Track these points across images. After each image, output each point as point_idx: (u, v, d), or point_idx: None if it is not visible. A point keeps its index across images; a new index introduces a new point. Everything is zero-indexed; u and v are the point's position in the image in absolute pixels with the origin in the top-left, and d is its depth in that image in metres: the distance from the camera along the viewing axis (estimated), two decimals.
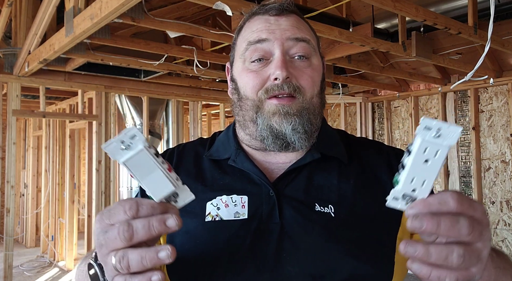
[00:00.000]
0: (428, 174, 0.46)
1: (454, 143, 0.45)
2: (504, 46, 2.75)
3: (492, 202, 3.78)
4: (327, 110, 5.15)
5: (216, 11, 3.81)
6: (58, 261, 4.96)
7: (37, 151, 6.01)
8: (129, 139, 0.47)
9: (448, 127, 0.45)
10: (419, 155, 0.46)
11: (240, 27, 0.77)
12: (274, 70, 0.68)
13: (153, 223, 0.46)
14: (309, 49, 0.71)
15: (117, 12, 1.91)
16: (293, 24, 0.71)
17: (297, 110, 0.69)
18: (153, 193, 0.49)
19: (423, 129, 0.45)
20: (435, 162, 0.45)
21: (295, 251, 0.64)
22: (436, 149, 0.45)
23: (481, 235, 0.44)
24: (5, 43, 3.34)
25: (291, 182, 0.71)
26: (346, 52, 2.90)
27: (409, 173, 0.46)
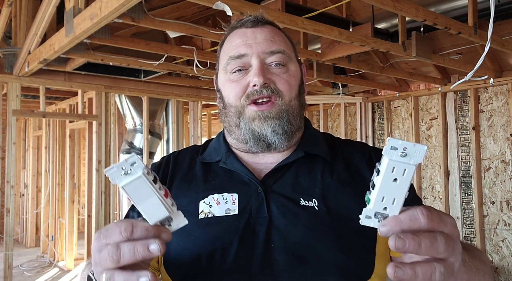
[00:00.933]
0: (398, 192, 0.47)
1: (421, 161, 0.47)
2: (504, 46, 2.75)
3: (492, 202, 3.78)
4: (327, 110, 5.15)
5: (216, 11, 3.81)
6: (58, 261, 4.96)
7: (37, 151, 6.01)
8: (129, 166, 0.50)
9: (414, 146, 0.46)
10: (388, 175, 0.47)
11: (222, 42, 0.84)
12: (253, 78, 0.75)
13: (137, 248, 0.49)
14: (284, 58, 0.78)
15: (117, 12, 1.91)
16: (267, 37, 0.78)
17: (277, 113, 0.75)
18: (148, 217, 0.52)
19: (389, 149, 0.47)
20: (403, 180, 0.47)
21: (282, 241, 0.70)
22: (404, 168, 0.46)
23: (454, 250, 0.47)
24: (5, 43, 3.34)
25: (278, 179, 0.77)
26: (346, 52, 2.90)
27: (379, 193, 0.48)
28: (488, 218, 3.80)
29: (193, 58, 3.04)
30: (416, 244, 0.44)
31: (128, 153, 4.39)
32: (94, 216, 3.99)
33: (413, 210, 0.46)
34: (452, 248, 0.46)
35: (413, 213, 0.46)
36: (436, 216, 0.46)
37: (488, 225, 3.79)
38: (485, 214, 3.82)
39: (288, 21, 2.14)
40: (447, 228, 0.47)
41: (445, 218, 0.48)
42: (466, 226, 3.95)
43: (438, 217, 0.47)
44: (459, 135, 4.03)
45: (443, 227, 0.47)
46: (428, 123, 4.27)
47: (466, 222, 3.95)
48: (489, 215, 3.80)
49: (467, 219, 3.94)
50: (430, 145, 4.23)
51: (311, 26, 2.28)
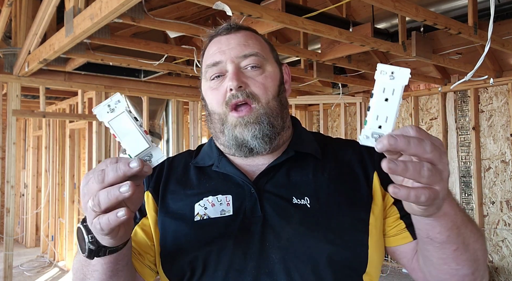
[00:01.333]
0: (389, 110, 0.53)
1: (406, 82, 0.53)
2: (504, 46, 2.75)
3: (492, 202, 3.78)
4: (327, 110, 5.15)
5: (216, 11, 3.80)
6: (58, 261, 4.96)
7: (37, 151, 6.01)
8: (114, 104, 0.57)
9: (399, 69, 0.52)
10: (379, 95, 0.53)
11: (203, 52, 0.88)
12: (228, 82, 0.77)
13: (120, 166, 0.54)
14: (259, 60, 0.80)
15: (117, 12, 1.91)
16: (241, 42, 0.81)
17: (256, 118, 0.77)
18: (130, 150, 0.57)
19: (379, 73, 0.53)
20: (393, 99, 0.53)
21: (277, 240, 0.72)
22: (392, 88, 0.53)
23: (441, 157, 0.50)
24: (5, 43, 3.34)
25: (270, 179, 0.79)
26: (346, 52, 2.90)
27: (374, 112, 0.53)
28: (488, 218, 3.80)
29: (193, 58, 3.04)
30: (406, 141, 0.48)
31: None
32: None
33: (404, 127, 0.51)
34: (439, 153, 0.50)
35: (404, 128, 0.51)
36: (425, 132, 0.51)
37: (488, 225, 3.79)
38: (485, 214, 3.82)
39: (288, 21, 2.14)
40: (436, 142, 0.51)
41: (433, 137, 0.52)
42: None
43: (426, 133, 0.51)
44: (459, 135, 4.03)
45: (430, 138, 0.50)
46: (428, 123, 4.27)
47: None
48: (489, 215, 3.80)
49: None
50: None
51: (311, 26, 2.28)
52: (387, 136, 0.49)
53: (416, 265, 0.74)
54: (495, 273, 3.73)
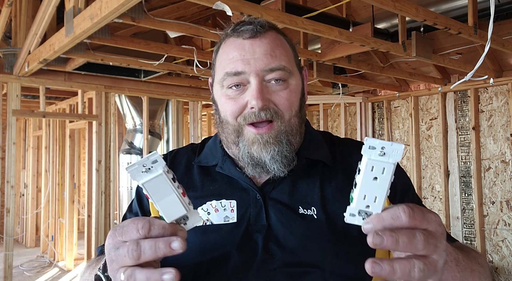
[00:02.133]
0: (378, 190, 0.48)
1: (399, 160, 0.48)
2: (504, 46, 2.75)
3: (492, 202, 3.78)
4: (327, 110, 5.15)
5: (216, 11, 3.80)
6: (58, 261, 4.96)
7: (37, 151, 6.01)
8: (150, 164, 0.52)
9: (391, 145, 0.48)
10: (368, 173, 0.48)
11: (218, 48, 0.79)
12: (251, 99, 0.71)
13: (159, 245, 0.49)
14: (285, 74, 0.73)
15: (117, 12, 1.91)
16: (267, 51, 0.73)
17: (276, 137, 0.72)
18: (165, 214, 0.52)
19: (368, 148, 0.48)
20: (383, 178, 0.48)
21: (281, 250, 0.69)
22: (383, 167, 0.48)
23: (436, 247, 0.47)
24: (5, 43, 3.34)
25: (277, 186, 0.75)
26: (346, 52, 2.90)
27: (361, 191, 0.49)
28: (488, 218, 3.80)
29: (193, 58, 3.03)
30: (393, 240, 0.44)
31: (129, 153, 4.39)
32: (94, 216, 3.99)
33: (396, 208, 0.47)
34: (433, 245, 0.46)
35: (395, 211, 0.46)
36: (419, 214, 0.46)
37: (488, 225, 3.79)
38: (485, 214, 3.82)
39: (288, 21, 2.14)
40: (431, 226, 0.47)
41: (429, 215, 0.48)
42: (466, 226, 3.95)
43: (421, 215, 0.47)
44: (459, 135, 4.03)
45: (426, 224, 0.47)
46: (428, 123, 4.27)
47: (466, 222, 3.95)
48: (489, 215, 3.80)
49: (467, 219, 3.94)
50: (430, 145, 4.23)
51: (311, 26, 2.28)
52: (372, 235, 0.45)
53: None
54: (495, 273, 3.73)
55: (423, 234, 0.46)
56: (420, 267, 0.45)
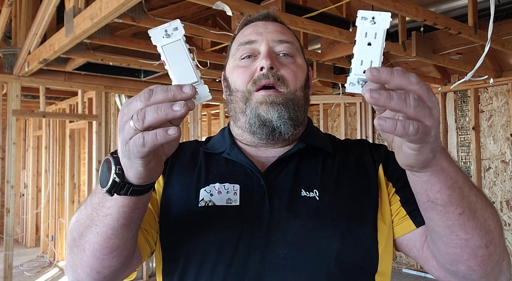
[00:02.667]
0: (373, 54, 0.52)
1: (388, 26, 0.52)
2: (504, 46, 2.75)
3: (492, 202, 3.78)
4: (327, 110, 5.15)
5: (216, 11, 3.80)
6: (58, 261, 4.96)
7: (37, 151, 6.01)
8: (172, 30, 0.54)
9: (380, 14, 0.52)
10: (362, 40, 0.52)
11: (234, 36, 0.86)
12: (260, 60, 0.76)
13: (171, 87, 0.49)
14: (292, 49, 0.80)
15: (117, 12, 1.91)
16: (278, 29, 0.81)
17: (283, 100, 0.74)
18: (178, 80, 0.54)
19: (360, 19, 0.53)
20: (376, 43, 0.52)
21: (284, 234, 0.69)
22: (374, 32, 0.52)
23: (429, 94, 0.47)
24: (5, 43, 3.34)
25: (280, 172, 0.77)
26: (346, 52, 2.91)
27: (357, 57, 0.52)
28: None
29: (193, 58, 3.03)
30: (388, 95, 0.45)
31: None
32: None
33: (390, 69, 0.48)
34: (426, 88, 0.47)
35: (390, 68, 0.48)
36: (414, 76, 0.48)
37: None
38: None
39: (288, 21, 2.14)
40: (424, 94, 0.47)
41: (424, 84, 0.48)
42: None
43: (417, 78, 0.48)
44: (459, 135, 4.03)
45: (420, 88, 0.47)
46: None
47: None
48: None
49: None
50: None
51: (311, 26, 2.28)
52: (369, 68, 0.47)
53: (428, 253, 0.69)
54: None
55: (417, 95, 0.46)
56: (415, 96, 0.46)
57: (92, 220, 0.61)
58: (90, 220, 0.61)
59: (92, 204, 0.62)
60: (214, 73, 3.67)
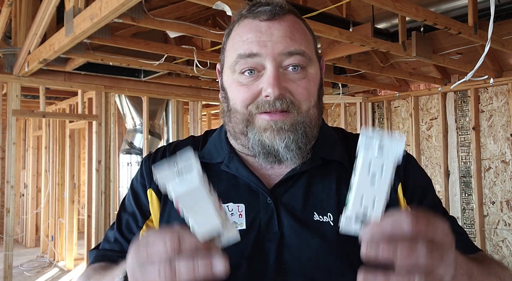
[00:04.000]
0: (377, 192, 0.42)
1: (400, 157, 0.41)
2: (504, 46, 2.74)
3: (492, 202, 3.78)
4: (327, 110, 5.15)
5: (216, 11, 3.80)
6: (58, 261, 4.96)
7: (37, 151, 6.01)
8: (183, 165, 0.43)
9: (391, 140, 0.42)
10: (364, 173, 0.42)
11: (230, 30, 0.71)
12: (266, 87, 0.64)
13: (198, 266, 0.41)
14: (304, 60, 0.66)
15: (117, 12, 1.91)
16: (286, 33, 0.66)
17: (291, 125, 0.65)
18: (198, 230, 0.44)
19: (364, 144, 0.42)
20: (382, 178, 0.42)
21: (296, 263, 0.63)
22: (381, 165, 0.42)
23: (441, 260, 0.41)
24: (5, 43, 3.34)
25: (289, 189, 0.68)
26: (346, 52, 2.90)
27: (357, 191, 0.42)
28: (488, 218, 3.80)
29: (193, 58, 3.03)
30: (389, 251, 0.39)
31: (129, 153, 4.38)
32: (94, 216, 3.99)
33: (398, 214, 0.41)
34: (439, 258, 0.41)
35: (397, 218, 0.41)
36: (424, 221, 0.41)
37: (488, 225, 3.79)
38: (485, 214, 3.82)
39: None
40: (438, 236, 0.42)
41: (435, 223, 0.42)
42: (466, 226, 3.95)
43: (426, 223, 0.41)
44: (459, 135, 4.03)
45: (432, 234, 0.41)
46: (428, 123, 4.27)
47: (466, 222, 3.95)
48: (489, 215, 3.80)
49: (467, 219, 3.94)
50: (430, 145, 4.23)
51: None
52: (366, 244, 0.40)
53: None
54: None
55: (427, 246, 0.40)
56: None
57: None
58: None
59: None
60: (214, 73, 3.66)
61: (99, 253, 0.75)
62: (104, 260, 0.72)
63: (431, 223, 0.41)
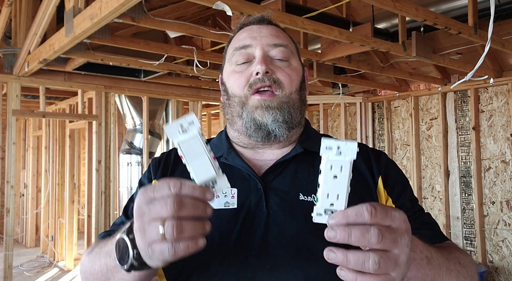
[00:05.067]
0: (340, 188, 0.51)
1: (354, 157, 0.51)
2: (504, 46, 2.75)
3: (492, 202, 3.78)
4: (327, 110, 5.15)
5: (216, 11, 3.80)
6: (58, 261, 4.96)
7: (37, 151, 6.01)
8: (187, 124, 0.55)
9: (345, 144, 0.51)
10: (328, 173, 0.51)
11: (230, 39, 0.88)
12: (255, 66, 0.78)
13: (199, 204, 0.52)
14: (287, 53, 0.81)
15: (117, 12, 1.91)
16: (272, 33, 0.82)
17: (278, 104, 0.77)
18: (196, 175, 0.55)
19: (325, 149, 0.51)
20: (342, 176, 0.51)
21: (281, 236, 0.71)
22: (340, 165, 0.51)
23: (395, 242, 0.48)
24: (5, 43, 3.34)
25: (278, 175, 0.78)
26: (346, 52, 2.90)
27: (324, 190, 0.51)
28: (488, 218, 3.80)
29: (193, 58, 3.03)
30: (346, 234, 0.47)
31: (128, 153, 4.39)
32: (94, 216, 3.99)
33: (359, 206, 0.49)
34: (391, 240, 0.48)
35: (359, 208, 0.48)
36: (381, 211, 0.48)
37: (488, 225, 3.79)
38: (485, 214, 3.82)
39: (288, 21, 2.14)
40: (394, 223, 0.49)
41: (392, 213, 0.49)
42: (466, 226, 3.95)
43: (383, 213, 0.48)
44: (459, 135, 4.03)
45: (389, 221, 0.49)
46: (428, 123, 4.27)
47: (466, 222, 3.95)
48: (489, 215, 3.80)
49: (467, 219, 3.94)
50: (430, 145, 4.23)
51: (311, 26, 2.28)
52: (327, 229, 0.48)
53: None
54: (495, 273, 3.73)
55: (379, 229, 0.47)
56: (375, 259, 0.47)
57: (107, 278, 0.66)
58: (106, 278, 0.66)
59: (107, 266, 0.65)
60: (214, 73, 3.67)
61: (105, 234, 0.84)
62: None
63: (388, 212, 0.49)
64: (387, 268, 0.48)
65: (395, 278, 0.49)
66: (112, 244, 0.64)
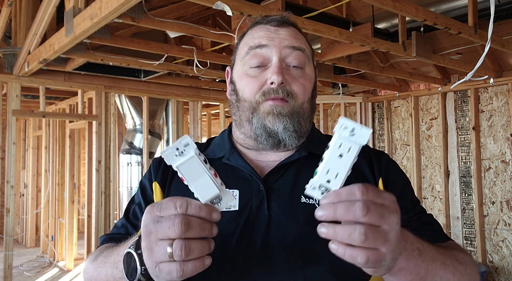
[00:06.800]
0: (341, 167, 0.52)
1: (365, 142, 0.51)
2: (504, 46, 2.74)
3: (492, 202, 3.78)
4: (327, 110, 5.15)
5: (216, 11, 3.80)
6: (58, 261, 4.96)
7: (37, 151, 6.01)
8: (182, 147, 0.55)
9: (361, 128, 0.51)
10: (335, 150, 0.52)
11: (243, 34, 0.84)
12: (271, 75, 0.75)
13: (206, 225, 0.53)
14: (303, 59, 0.79)
15: (117, 12, 1.91)
16: (291, 35, 0.79)
17: (289, 112, 0.76)
18: (200, 195, 0.55)
19: (340, 127, 0.52)
20: (347, 157, 0.52)
21: (282, 239, 0.70)
22: (349, 146, 0.51)
23: (383, 217, 0.49)
24: (5, 43, 3.34)
25: (280, 177, 0.77)
26: (346, 52, 2.90)
27: (325, 165, 0.52)
28: (488, 218, 3.80)
29: (193, 58, 3.03)
30: (331, 210, 0.48)
31: (129, 153, 4.39)
32: (94, 216, 3.99)
33: (351, 186, 0.49)
34: (378, 214, 0.48)
35: (351, 188, 0.49)
36: (373, 192, 0.49)
37: (488, 225, 3.79)
38: (485, 214, 3.82)
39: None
40: (385, 201, 0.50)
41: (383, 194, 0.50)
42: (466, 226, 3.95)
43: (375, 193, 0.49)
44: (459, 135, 4.03)
45: (380, 200, 0.49)
46: (428, 123, 4.27)
47: (466, 222, 3.95)
48: (489, 215, 3.80)
49: (467, 219, 3.94)
50: (430, 145, 4.23)
51: (311, 26, 2.28)
52: (319, 208, 0.49)
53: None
54: (495, 273, 3.73)
55: (364, 202, 0.48)
56: (361, 230, 0.47)
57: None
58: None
59: (114, 277, 0.66)
60: (214, 73, 3.67)
61: (107, 237, 0.84)
62: (111, 242, 0.80)
63: (380, 193, 0.50)
64: (375, 241, 0.48)
65: (385, 254, 0.49)
66: (119, 255, 0.64)
